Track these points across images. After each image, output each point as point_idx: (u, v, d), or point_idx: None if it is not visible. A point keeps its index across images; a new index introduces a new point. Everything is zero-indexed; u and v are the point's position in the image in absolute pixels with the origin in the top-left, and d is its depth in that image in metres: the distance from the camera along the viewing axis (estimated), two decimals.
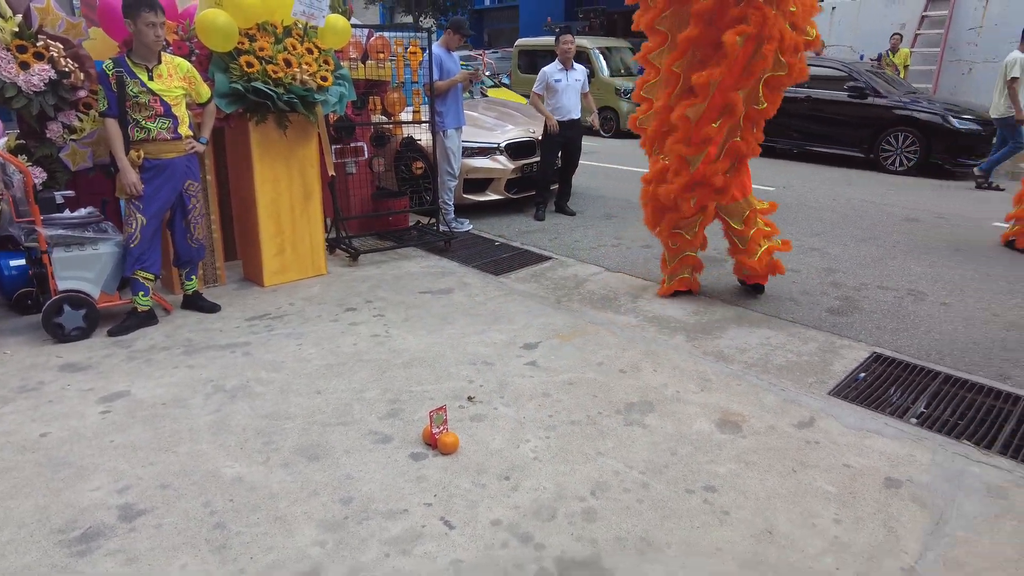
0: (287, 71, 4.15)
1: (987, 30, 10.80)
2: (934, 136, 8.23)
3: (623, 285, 4.51)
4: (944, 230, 5.86)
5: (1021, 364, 3.40)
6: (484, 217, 6.36)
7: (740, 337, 3.69)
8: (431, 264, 5.01)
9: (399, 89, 5.24)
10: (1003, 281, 4.57)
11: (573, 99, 6.10)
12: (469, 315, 3.99)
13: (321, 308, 4.11)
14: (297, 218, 4.56)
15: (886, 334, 3.74)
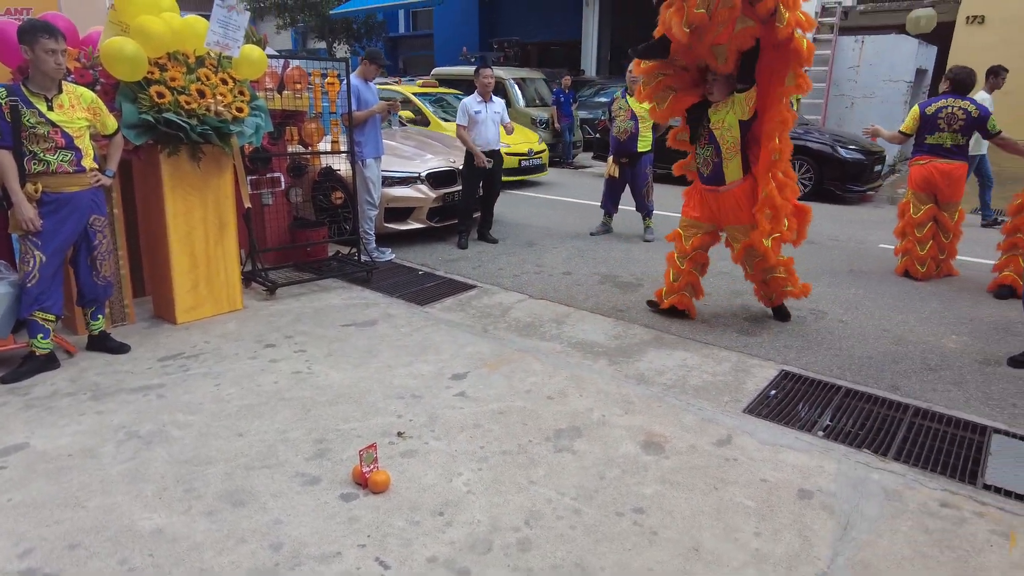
0: (201, 102, 4.03)
1: (863, 69, 11.86)
2: (826, 164, 8.93)
3: (547, 312, 4.61)
4: (839, 252, 6.34)
5: (908, 375, 3.72)
6: (407, 246, 6.34)
7: (659, 360, 3.85)
8: (353, 296, 4.94)
9: (317, 119, 5.19)
10: (889, 298, 4.99)
11: (493, 130, 6.23)
12: (395, 347, 3.96)
13: (239, 345, 3.97)
14: (212, 252, 4.40)
15: (792, 352, 4.00)
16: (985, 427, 3.14)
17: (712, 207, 4.24)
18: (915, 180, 5.36)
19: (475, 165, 6.12)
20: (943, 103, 5.17)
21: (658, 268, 5.59)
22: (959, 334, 4.33)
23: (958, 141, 5.16)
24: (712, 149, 4.09)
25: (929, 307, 4.82)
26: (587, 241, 6.65)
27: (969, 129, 5.11)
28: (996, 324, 4.51)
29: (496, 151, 6.30)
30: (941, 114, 5.15)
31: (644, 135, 6.43)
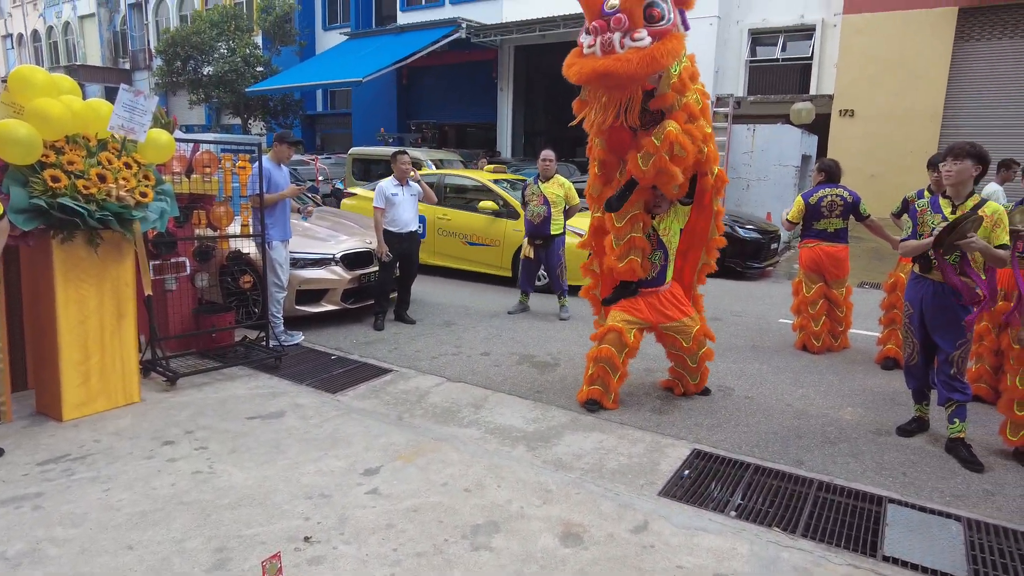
0: (101, 186, 3.88)
1: (756, 154, 12.89)
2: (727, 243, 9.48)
3: (465, 395, 4.56)
4: (741, 327, 6.67)
5: (810, 449, 3.89)
6: (320, 329, 6.18)
7: (576, 443, 3.86)
8: (260, 384, 4.73)
9: (226, 203, 5.08)
10: (790, 373, 5.26)
11: (410, 212, 6.28)
12: (303, 441, 3.79)
13: (133, 443, 3.69)
14: (107, 342, 4.13)
15: (703, 430, 4.11)
16: (881, 497, 3.31)
17: (654, 305, 4.37)
18: (804, 261, 5.79)
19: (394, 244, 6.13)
20: (823, 192, 5.67)
21: (573, 347, 5.70)
22: (854, 405, 4.60)
23: (840, 225, 5.64)
24: (660, 253, 4.35)
25: (826, 380, 5.11)
26: (505, 320, 6.71)
27: (847, 213, 5.60)
28: (885, 394, 4.82)
29: (413, 232, 6.34)
30: (823, 202, 5.64)
31: (556, 219, 6.66)
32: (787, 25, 15.09)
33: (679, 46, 3.61)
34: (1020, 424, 3.77)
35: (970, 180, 3.70)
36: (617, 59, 3.48)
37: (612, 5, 3.56)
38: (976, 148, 3.64)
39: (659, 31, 3.52)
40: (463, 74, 20.14)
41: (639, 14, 3.49)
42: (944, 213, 3.76)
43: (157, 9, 28.30)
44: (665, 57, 3.49)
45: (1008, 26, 13.17)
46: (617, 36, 3.49)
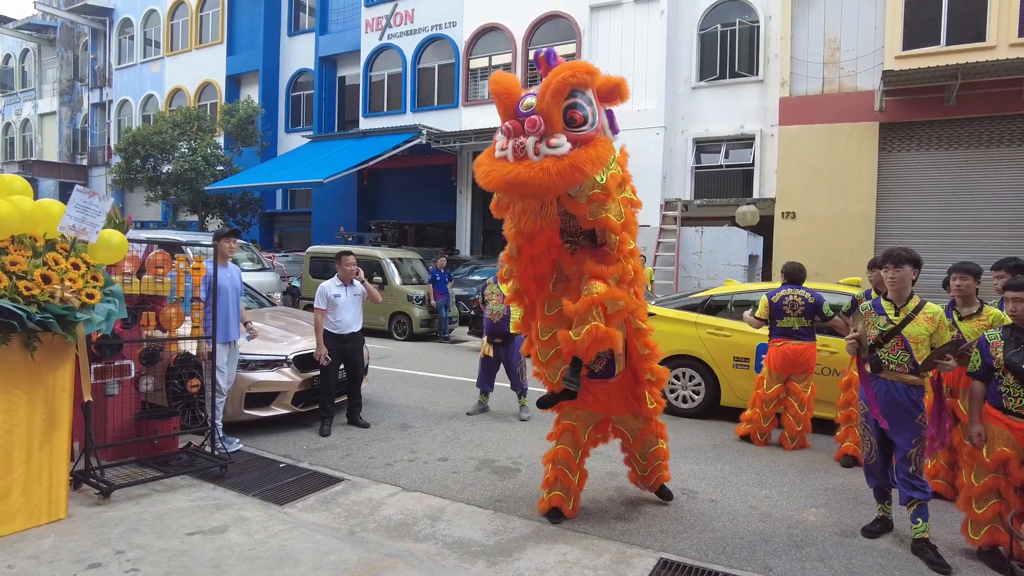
0: (45, 287, 3.74)
1: (705, 255, 13.42)
2: None
3: (421, 506, 4.35)
4: (702, 426, 6.64)
5: (777, 554, 3.79)
6: (269, 434, 5.91)
7: (539, 556, 3.68)
8: (203, 495, 4.43)
9: (177, 304, 4.94)
10: (753, 473, 5.21)
11: (353, 313, 6.18)
12: (247, 560, 3.51)
13: (53, 568, 3.36)
14: (35, 453, 3.85)
15: (669, 537, 3.98)
16: None
17: (603, 398, 4.18)
18: (771, 360, 5.89)
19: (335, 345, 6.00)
20: (784, 292, 5.88)
21: (534, 450, 5.55)
22: (817, 506, 4.55)
23: (804, 324, 5.80)
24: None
25: (788, 480, 5.07)
26: (464, 422, 6.54)
27: (809, 313, 5.77)
28: (846, 493, 4.79)
29: (356, 333, 6.23)
30: (785, 302, 5.83)
31: (515, 317, 6.68)
32: (728, 134, 16.16)
33: (604, 153, 3.22)
34: (980, 522, 3.77)
35: (910, 283, 3.89)
36: (530, 168, 3.07)
37: (528, 104, 3.17)
38: (911, 253, 3.86)
39: (581, 137, 3.15)
40: (423, 176, 20.74)
41: (558, 117, 3.13)
42: (888, 315, 3.91)
43: (120, 109, 28.69)
44: (586, 167, 3.10)
45: (923, 140, 14.38)
46: (531, 141, 3.10)
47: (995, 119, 13.55)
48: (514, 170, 3.11)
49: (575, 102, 3.16)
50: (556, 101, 3.10)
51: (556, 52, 3.41)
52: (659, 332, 6.79)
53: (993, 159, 13.68)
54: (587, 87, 3.23)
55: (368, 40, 20.88)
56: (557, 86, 3.09)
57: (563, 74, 3.10)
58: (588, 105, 3.21)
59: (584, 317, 3.46)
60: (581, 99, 3.19)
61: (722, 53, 16.13)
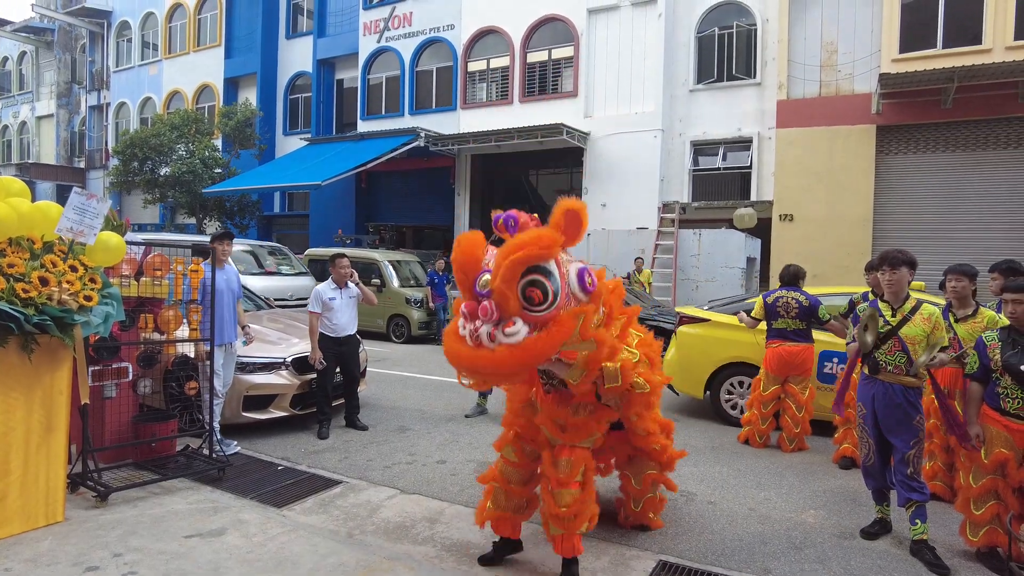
0: (42, 290, 3.73)
1: (703, 257, 13.43)
2: None
3: (419, 509, 4.34)
4: (698, 429, 6.64)
5: (776, 556, 3.79)
6: (267, 437, 5.90)
7: (538, 558, 3.67)
8: (201, 498, 4.42)
9: (175, 307, 4.94)
10: (752, 475, 5.21)
11: (348, 315, 6.18)
12: (245, 563, 3.51)
13: (51, 571, 3.35)
14: (32, 455, 3.84)
15: (668, 539, 3.97)
16: None
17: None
18: (768, 361, 5.90)
19: (331, 348, 6.00)
20: (779, 294, 5.89)
21: None
22: (816, 508, 4.55)
23: (798, 326, 5.81)
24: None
25: (787, 482, 5.07)
26: (462, 424, 6.54)
27: (804, 316, 5.77)
28: (845, 495, 4.80)
29: (351, 336, 6.23)
30: (779, 303, 5.85)
31: None
32: (726, 137, 16.18)
33: (565, 334, 2.89)
34: (978, 524, 3.77)
35: (907, 285, 3.91)
36: (484, 358, 2.86)
37: (484, 283, 2.90)
38: (907, 255, 3.88)
39: (541, 318, 2.86)
40: (421, 179, 20.74)
41: (513, 301, 2.82)
42: (885, 317, 3.92)
43: (118, 112, 28.67)
44: (546, 352, 2.87)
45: (920, 142, 14.42)
46: (486, 330, 2.84)
47: (991, 122, 13.59)
48: (470, 358, 2.91)
49: (533, 279, 2.83)
50: (510, 286, 2.80)
51: (516, 216, 2.99)
52: (714, 339, 6.70)
53: (989, 161, 13.72)
54: (547, 259, 2.87)
55: (366, 43, 20.89)
56: (510, 271, 2.78)
57: (517, 256, 2.77)
58: (548, 279, 2.86)
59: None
60: (540, 274, 2.84)
61: (719, 56, 16.17)
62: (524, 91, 18.13)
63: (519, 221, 2.98)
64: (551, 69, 17.97)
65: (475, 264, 2.96)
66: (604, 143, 16.89)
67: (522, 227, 2.96)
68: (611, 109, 16.98)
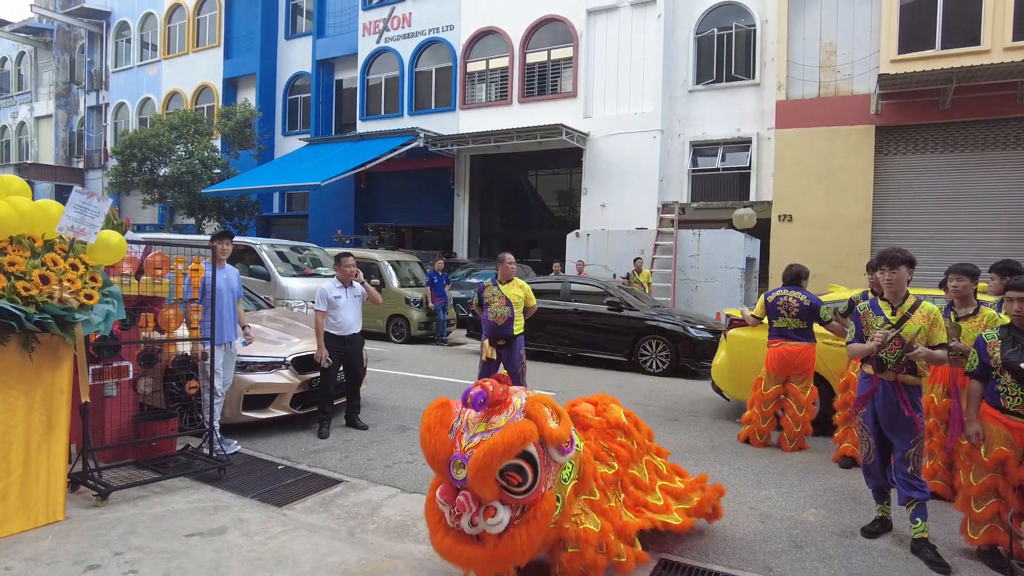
0: (43, 288, 3.73)
1: (702, 257, 13.44)
2: (679, 342, 9.66)
3: (420, 508, 4.27)
4: (698, 428, 6.65)
5: (778, 554, 3.79)
6: (267, 436, 5.89)
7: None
8: (201, 497, 4.42)
9: (176, 305, 4.93)
10: (752, 474, 5.22)
11: (353, 314, 6.20)
12: (246, 561, 3.50)
13: (51, 570, 3.34)
14: (33, 454, 3.83)
15: (668, 538, 3.95)
16: None
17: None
18: (769, 361, 5.91)
19: (335, 347, 6.00)
20: (779, 293, 5.90)
21: None
22: (816, 506, 4.55)
23: (799, 325, 5.81)
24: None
25: (787, 481, 5.08)
26: None
27: (804, 315, 5.77)
28: (846, 493, 4.80)
29: (356, 334, 6.24)
30: (779, 302, 5.85)
31: (518, 319, 6.67)
32: (725, 138, 16.21)
33: (549, 515, 2.87)
34: (979, 522, 3.77)
35: (906, 283, 3.92)
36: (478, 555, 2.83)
37: (460, 468, 2.82)
38: (906, 254, 3.90)
39: (523, 501, 2.81)
40: (421, 179, 20.76)
41: (492, 490, 2.76)
42: (885, 315, 3.93)
43: (117, 112, 28.65)
44: (531, 548, 2.84)
45: (919, 142, 14.45)
46: (466, 520, 2.81)
47: (990, 122, 13.62)
48: (456, 552, 2.89)
49: (513, 464, 2.75)
50: (486, 480, 2.74)
51: (486, 395, 2.90)
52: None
53: (988, 162, 13.75)
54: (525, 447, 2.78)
55: (365, 43, 20.91)
56: (484, 472, 2.72)
57: (488, 463, 2.71)
58: (528, 462, 2.78)
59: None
60: (521, 458, 2.77)
61: (719, 57, 16.20)
62: (523, 91, 18.15)
63: (488, 398, 2.90)
64: (550, 69, 18.00)
65: (444, 447, 2.88)
66: (603, 143, 16.91)
67: (492, 402, 2.90)
68: (610, 110, 17.00)
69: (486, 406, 2.90)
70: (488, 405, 2.90)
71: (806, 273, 6.01)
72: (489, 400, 2.90)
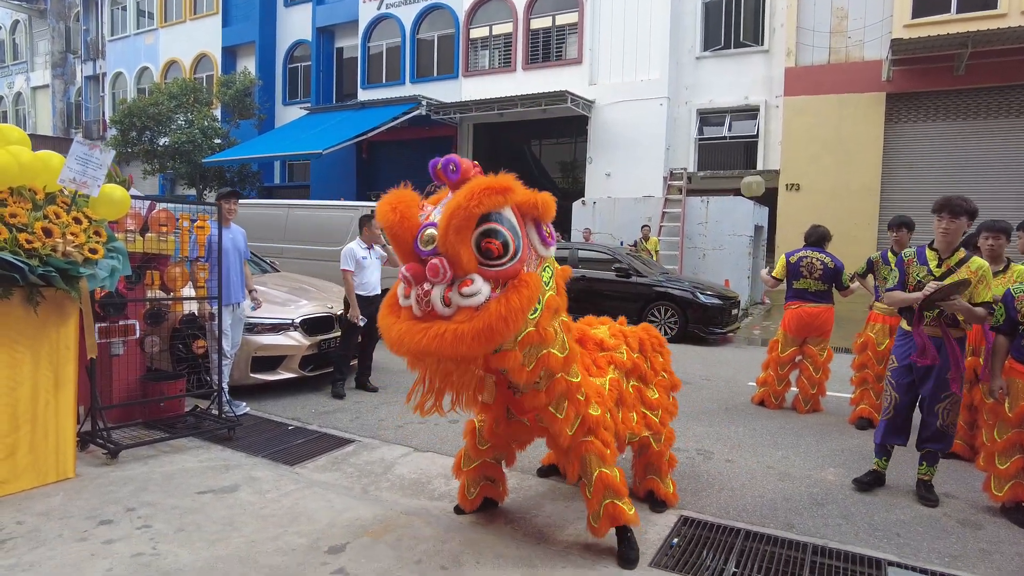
0: (46, 241, 3.62)
1: (710, 225, 13.28)
2: (688, 308, 9.57)
3: (435, 466, 4.28)
4: (712, 391, 6.59)
5: (799, 511, 3.74)
6: (276, 398, 5.83)
7: (556, 513, 3.61)
8: (212, 456, 4.36)
9: (182, 263, 4.83)
10: (768, 435, 5.16)
11: (376, 275, 6.16)
12: (260, 517, 3.45)
13: (64, 524, 3.29)
14: (41, 411, 3.76)
15: (688, 495, 3.91)
16: (880, 560, 3.16)
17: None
18: (786, 322, 5.81)
19: (363, 308, 5.93)
20: (803, 254, 5.76)
21: None
22: (835, 466, 4.49)
23: (820, 287, 5.68)
24: None
25: (804, 441, 5.02)
26: None
27: (827, 278, 5.65)
28: (864, 454, 4.73)
29: (379, 295, 6.15)
30: (802, 263, 5.72)
31: None
32: (733, 106, 15.92)
33: (533, 294, 2.50)
34: (1004, 478, 3.72)
35: (960, 236, 3.78)
36: (438, 336, 2.41)
37: (429, 238, 2.50)
38: (970, 205, 3.71)
39: (503, 272, 2.48)
40: (423, 148, 20.45)
41: (468, 254, 2.43)
42: (930, 266, 3.80)
43: (115, 82, 28.23)
44: (509, 327, 2.41)
45: (930, 110, 14.18)
46: (439, 291, 2.45)
47: (1005, 89, 13.34)
48: (418, 337, 2.44)
49: (489, 228, 2.44)
50: (462, 235, 2.39)
51: (457, 160, 2.58)
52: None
53: (1002, 129, 13.50)
54: (502, 207, 2.47)
55: (366, 10, 20.47)
56: (460, 220, 2.38)
57: (467, 198, 2.38)
58: (508, 228, 2.47)
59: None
60: (498, 222, 2.46)
61: (727, 22, 15.84)
62: (527, 58, 17.80)
63: (460, 166, 2.56)
64: (555, 36, 17.63)
65: (411, 223, 2.54)
66: (609, 111, 16.63)
67: (464, 173, 2.56)
68: (616, 76, 16.68)
69: (458, 176, 2.53)
70: (459, 177, 2.53)
71: (830, 235, 5.87)
72: (461, 170, 2.54)
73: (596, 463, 2.98)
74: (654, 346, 3.75)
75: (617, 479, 3.00)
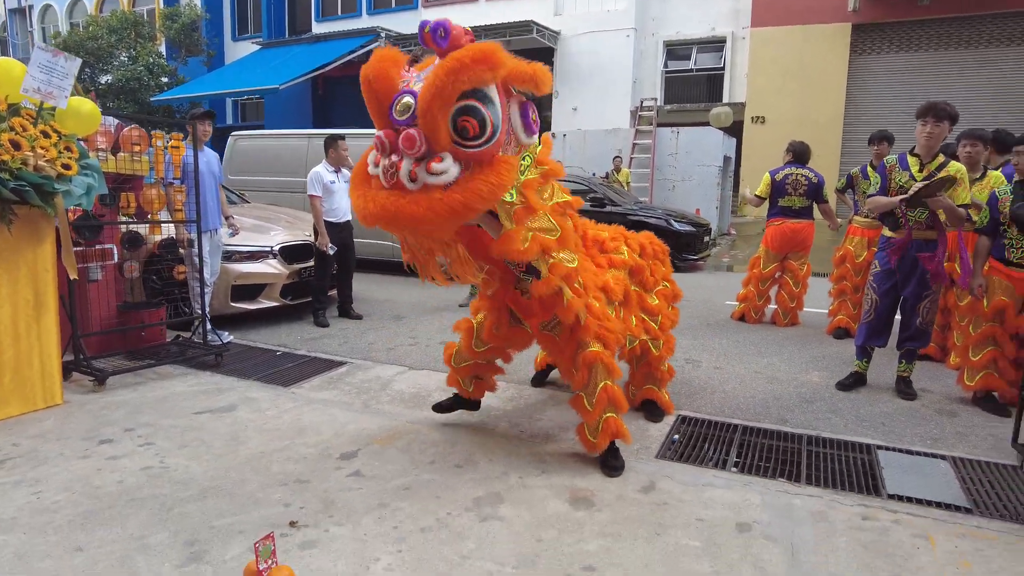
0: (15, 154, 3.40)
1: (680, 156, 13.32)
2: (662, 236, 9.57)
3: (432, 382, 4.29)
4: (693, 310, 6.71)
5: (791, 408, 3.90)
6: (259, 328, 5.73)
7: (559, 416, 3.69)
8: (202, 381, 4.29)
9: (157, 185, 4.62)
10: (751, 346, 5.32)
11: (345, 200, 5.91)
12: (264, 431, 3.42)
13: (63, 444, 3.21)
14: (23, 336, 3.62)
15: (682, 398, 4.03)
16: (869, 445, 3.33)
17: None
18: (769, 239, 5.91)
19: (333, 234, 5.79)
20: (789, 171, 5.81)
21: None
22: (819, 369, 4.68)
23: (803, 204, 5.77)
24: None
25: (787, 350, 5.20)
26: (457, 313, 6.44)
27: (811, 193, 5.74)
28: (844, 359, 4.92)
29: (349, 221, 6.01)
30: (788, 180, 5.78)
31: None
32: (700, 37, 15.77)
33: (506, 178, 2.37)
34: (976, 368, 3.92)
35: (942, 141, 3.85)
36: (407, 202, 2.31)
37: (406, 107, 2.33)
38: (953, 110, 3.76)
39: (475, 155, 2.34)
40: None
41: (444, 130, 2.28)
42: (912, 171, 3.89)
43: (44, 15, 26.30)
44: (478, 204, 2.32)
45: (895, 41, 14.30)
46: (407, 164, 2.31)
47: (971, 19, 13.50)
48: (384, 203, 2.34)
49: (468, 105, 2.28)
50: (442, 108, 2.24)
51: (448, 25, 2.34)
52: None
53: (968, 60, 13.72)
54: (488, 83, 2.31)
55: None
56: (441, 88, 2.21)
57: (452, 70, 2.21)
58: (488, 107, 2.32)
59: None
60: (478, 100, 2.30)
61: None
62: None
63: (451, 32, 2.32)
64: None
65: (391, 84, 2.38)
66: (575, 43, 16.31)
67: (453, 40, 2.32)
68: (582, 7, 16.30)
69: (447, 43, 2.31)
70: (448, 44, 2.31)
71: (811, 151, 5.94)
72: (451, 36, 2.31)
73: (603, 374, 2.96)
74: (656, 254, 3.77)
75: (620, 394, 3.02)
